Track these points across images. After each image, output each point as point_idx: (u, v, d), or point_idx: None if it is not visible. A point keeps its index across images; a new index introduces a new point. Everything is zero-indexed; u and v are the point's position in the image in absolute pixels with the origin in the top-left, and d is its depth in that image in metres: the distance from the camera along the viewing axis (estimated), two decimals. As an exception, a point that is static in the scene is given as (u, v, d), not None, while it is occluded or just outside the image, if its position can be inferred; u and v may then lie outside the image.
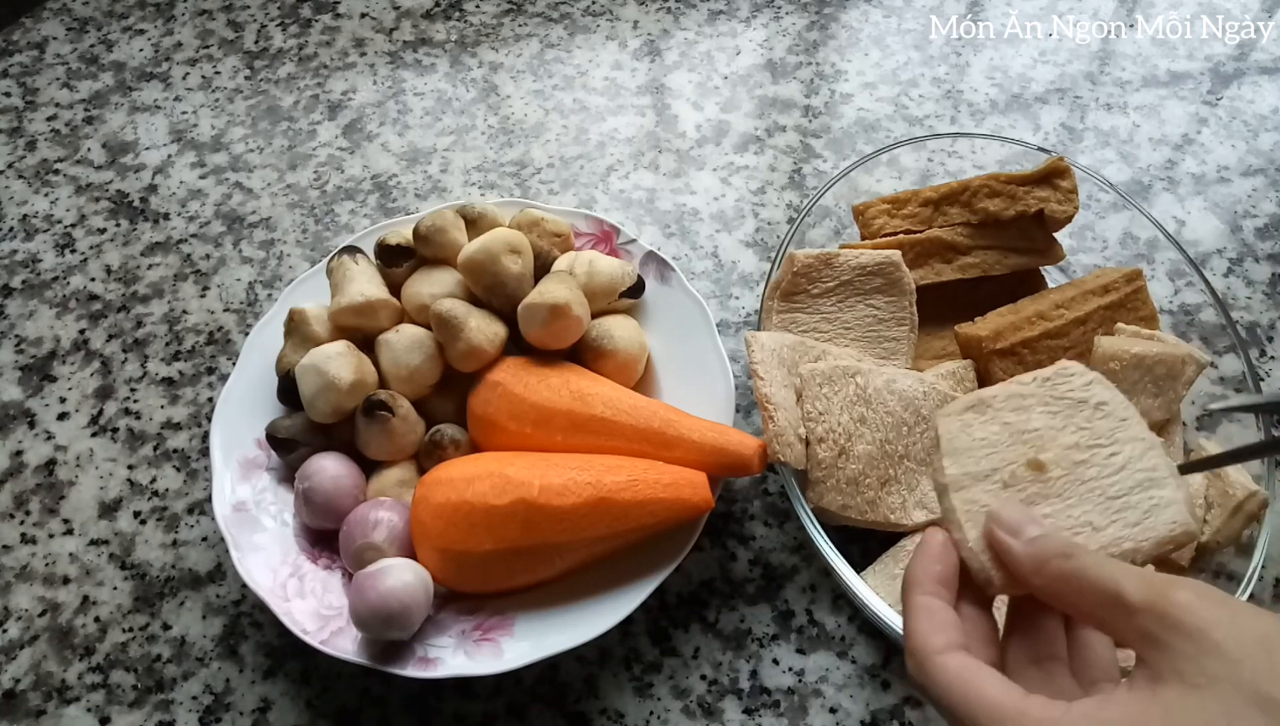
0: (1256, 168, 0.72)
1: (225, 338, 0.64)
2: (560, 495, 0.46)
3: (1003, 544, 0.32)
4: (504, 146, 0.74)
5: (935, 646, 0.31)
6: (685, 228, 0.69)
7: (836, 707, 0.49)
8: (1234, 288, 0.66)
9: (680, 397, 0.54)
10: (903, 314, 0.55)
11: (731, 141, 0.74)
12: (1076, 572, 0.30)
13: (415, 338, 0.53)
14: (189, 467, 0.58)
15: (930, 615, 0.32)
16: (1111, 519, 0.34)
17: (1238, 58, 0.80)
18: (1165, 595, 0.28)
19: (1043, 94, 0.77)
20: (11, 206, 0.71)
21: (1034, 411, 0.36)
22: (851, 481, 0.48)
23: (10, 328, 0.65)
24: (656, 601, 0.52)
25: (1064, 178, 0.58)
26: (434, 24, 0.83)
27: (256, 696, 0.50)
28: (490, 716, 0.49)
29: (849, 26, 0.82)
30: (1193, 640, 0.27)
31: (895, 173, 0.69)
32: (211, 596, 0.53)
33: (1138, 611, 0.28)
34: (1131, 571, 0.29)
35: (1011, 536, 0.32)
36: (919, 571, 0.34)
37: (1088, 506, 0.34)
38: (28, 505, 0.57)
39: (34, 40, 0.83)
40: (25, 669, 0.51)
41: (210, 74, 0.80)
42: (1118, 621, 0.29)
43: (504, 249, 0.53)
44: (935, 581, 0.33)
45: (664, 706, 0.49)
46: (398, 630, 0.45)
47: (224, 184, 0.72)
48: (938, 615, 0.32)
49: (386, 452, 0.52)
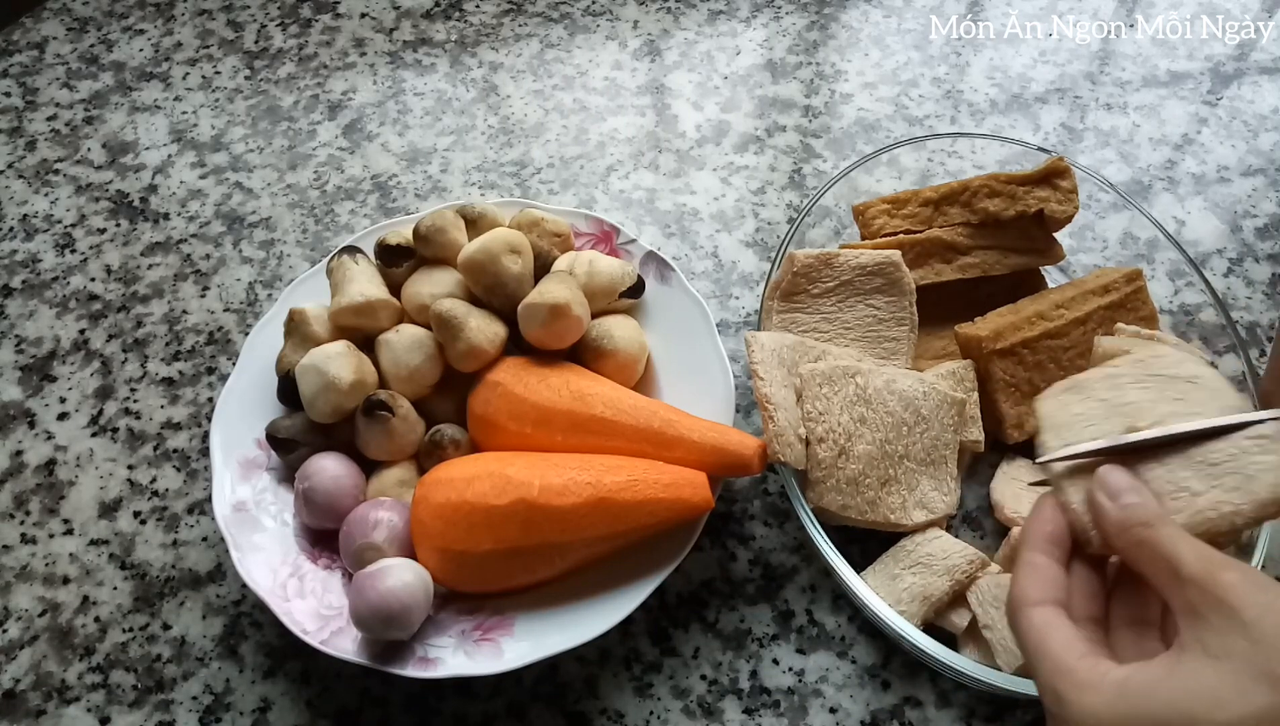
0: (1256, 168, 0.72)
1: (225, 338, 0.64)
2: (560, 495, 0.46)
3: (1099, 505, 0.34)
4: (504, 146, 0.74)
5: (1029, 599, 0.33)
6: (685, 228, 0.69)
7: (836, 707, 0.49)
8: (1234, 288, 0.66)
9: (680, 397, 0.54)
10: (903, 314, 0.55)
11: (731, 141, 0.74)
12: (1150, 540, 0.32)
13: (415, 338, 0.53)
14: (189, 467, 0.58)
15: (1033, 570, 0.34)
16: (1211, 484, 0.35)
17: (1238, 58, 0.80)
18: (1214, 572, 0.30)
19: (1043, 94, 0.77)
20: (11, 206, 0.71)
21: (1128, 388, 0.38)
22: (851, 481, 0.48)
23: (10, 328, 0.65)
24: (656, 601, 0.52)
25: (1064, 178, 0.58)
26: (434, 24, 0.83)
27: (256, 696, 0.50)
28: (490, 716, 0.49)
29: (849, 26, 0.82)
30: (1225, 616, 0.29)
31: (895, 173, 0.69)
32: (211, 596, 0.53)
33: (1188, 583, 0.30)
34: (1196, 547, 0.31)
35: (1109, 499, 0.34)
36: (1031, 530, 0.36)
37: (1187, 472, 0.35)
38: (28, 505, 0.57)
39: (34, 40, 0.83)
40: (25, 669, 0.51)
41: (210, 74, 0.80)
42: (1173, 590, 0.31)
43: (504, 249, 0.53)
44: (1045, 539, 0.35)
45: (664, 706, 0.49)
46: (398, 630, 0.45)
47: (224, 184, 0.72)
48: (1040, 570, 0.34)
49: (386, 452, 0.52)
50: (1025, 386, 0.54)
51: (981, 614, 0.47)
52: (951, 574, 0.48)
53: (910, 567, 0.49)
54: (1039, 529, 0.36)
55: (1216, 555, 0.31)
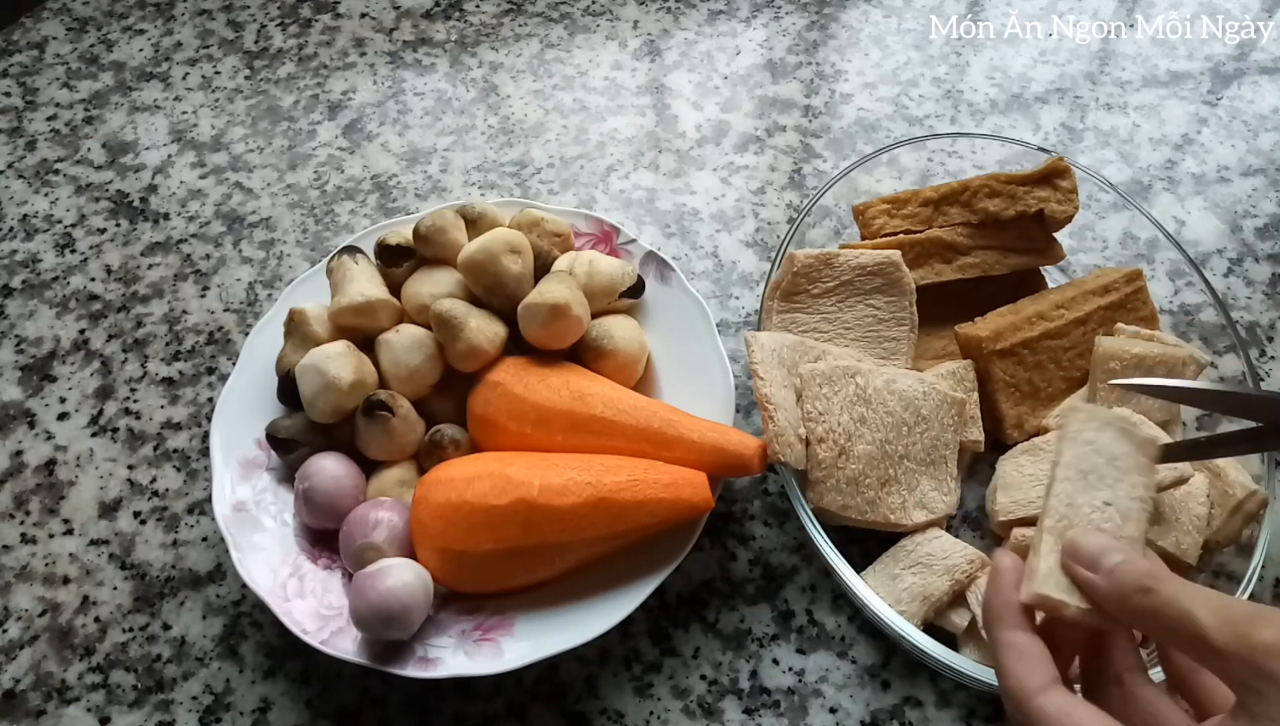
0: (1256, 168, 0.72)
1: (225, 338, 0.64)
2: (560, 495, 0.46)
3: (1082, 579, 0.32)
4: (504, 146, 0.74)
5: (1032, 687, 0.31)
6: (685, 228, 0.69)
7: (836, 707, 0.49)
8: (1234, 288, 0.66)
9: (680, 397, 0.54)
10: (903, 314, 0.55)
11: (731, 141, 0.74)
12: (1157, 609, 0.30)
13: (415, 338, 0.53)
14: (189, 467, 0.58)
15: (1021, 653, 0.32)
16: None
17: (1238, 58, 0.80)
18: (1249, 640, 0.27)
19: (1043, 94, 0.77)
20: (11, 206, 0.71)
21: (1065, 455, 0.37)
22: (851, 481, 0.48)
23: (10, 328, 0.65)
24: (656, 601, 0.52)
25: (1064, 178, 0.58)
26: (434, 24, 0.83)
27: (256, 696, 0.50)
28: (490, 716, 0.49)
29: (849, 26, 0.82)
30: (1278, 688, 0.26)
31: (895, 173, 0.69)
32: (211, 596, 0.53)
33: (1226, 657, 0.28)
34: (1207, 604, 0.29)
35: (1091, 570, 0.32)
36: (999, 605, 0.33)
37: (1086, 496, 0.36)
38: (28, 505, 0.57)
39: (34, 40, 0.83)
40: (25, 669, 0.51)
41: (210, 74, 0.80)
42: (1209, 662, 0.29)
43: (504, 249, 0.53)
44: (1017, 613, 0.33)
45: (664, 706, 0.49)
46: (398, 630, 0.45)
47: (224, 184, 0.72)
48: (1028, 651, 0.32)
49: (386, 452, 0.52)
50: (1025, 386, 0.54)
51: (981, 614, 0.47)
52: (951, 574, 0.48)
53: (910, 567, 0.49)
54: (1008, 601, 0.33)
55: (1234, 610, 0.28)
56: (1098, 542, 0.32)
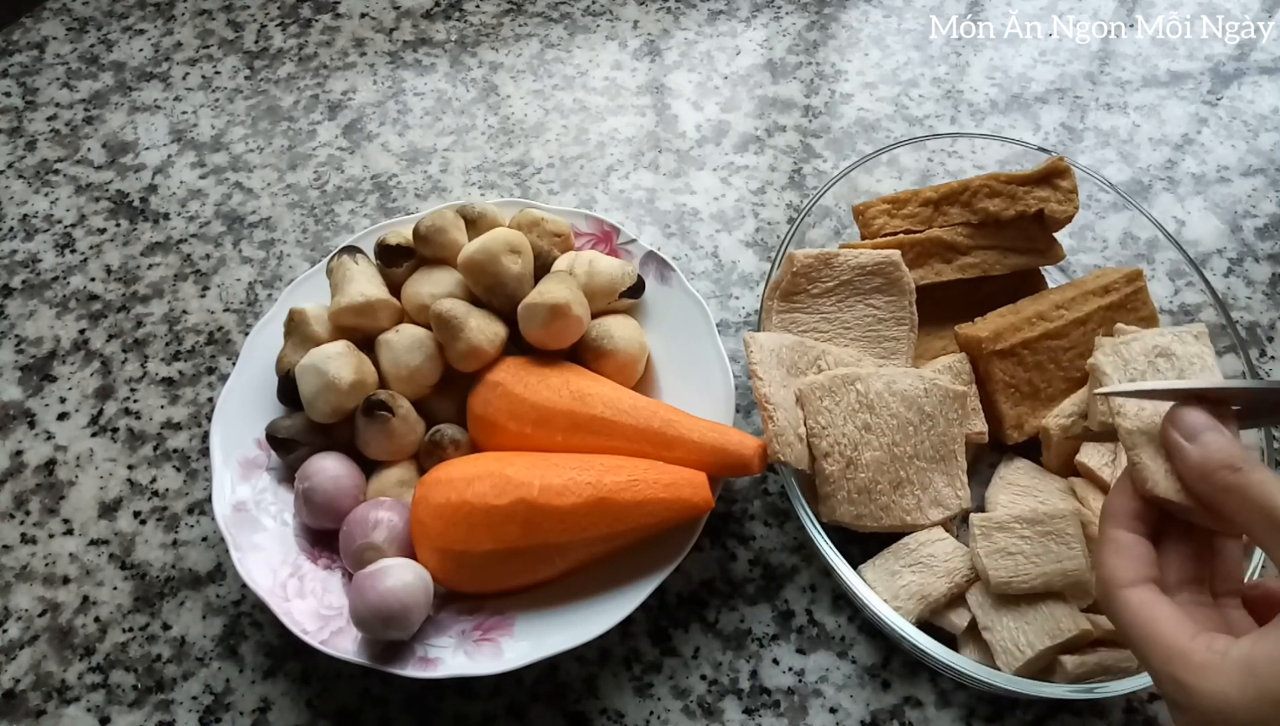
0: (1256, 168, 0.72)
1: (225, 338, 0.64)
2: (560, 495, 0.46)
3: (1175, 445, 0.33)
4: (504, 146, 0.74)
5: (1121, 580, 0.32)
6: (685, 228, 0.69)
7: (836, 707, 0.49)
8: (1234, 288, 0.66)
9: (680, 397, 0.54)
10: (903, 314, 0.55)
11: (731, 141, 0.74)
12: (1239, 486, 0.30)
13: (415, 338, 0.53)
14: (189, 467, 0.58)
15: (1119, 548, 0.33)
16: None
17: (1238, 58, 0.80)
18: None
19: (1043, 94, 0.77)
20: (11, 206, 0.71)
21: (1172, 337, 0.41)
22: (863, 490, 0.48)
23: (10, 328, 0.65)
24: (656, 601, 0.52)
25: (1064, 178, 0.58)
26: (434, 24, 0.83)
27: (256, 696, 0.50)
28: (490, 716, 0.49)
29: (849, 26, 0.82)
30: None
31: (895, 173, 0.69)
32: (211, 596, 0.53)
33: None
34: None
35: (1186, 439, 0.33)
36: (1114, 504, 0.34)
37: None
38: (28, 505, 0.57)
39: (34, 40, 0.83)
40: (25, 669, 0.51)
41: (210, 74, 0.80)
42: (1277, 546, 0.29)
43: (504, 249, 0.53)
44: (1130, 515, 0.34)
45: (664, 706, 0.49)
46: (398, 630, 0.45)
47: (224, 184, 0.72)
48: (1127, 548, 0.33)
49: (386, 452, 0.52)
50: (1025, 387, 0.54)
51: (981, 615, 0.47)
52: (951, 576, 0.48)
53: (910, 565, 0.49)
54: (1120, 503, 0.34)
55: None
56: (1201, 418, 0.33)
